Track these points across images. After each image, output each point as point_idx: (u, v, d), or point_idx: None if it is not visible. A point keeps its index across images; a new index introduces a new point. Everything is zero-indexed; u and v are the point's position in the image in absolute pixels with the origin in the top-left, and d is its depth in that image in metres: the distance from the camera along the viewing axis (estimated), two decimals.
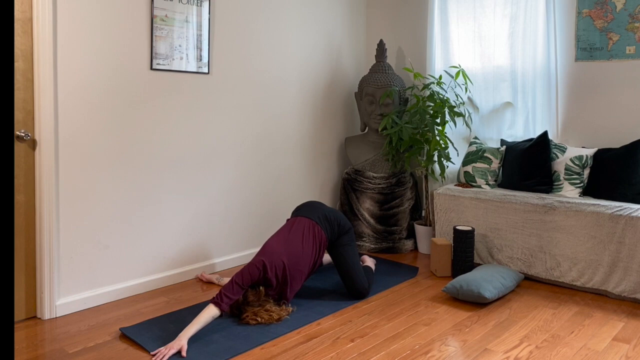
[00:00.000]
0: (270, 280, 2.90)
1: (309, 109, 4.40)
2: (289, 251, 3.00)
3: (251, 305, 2.87)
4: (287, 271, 2.95)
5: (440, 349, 2.61)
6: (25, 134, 2.78)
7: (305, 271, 3.07)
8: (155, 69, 3.29)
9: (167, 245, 3.45)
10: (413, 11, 4.65)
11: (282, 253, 2.97)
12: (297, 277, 3.02)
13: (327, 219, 3.23)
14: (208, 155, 3.65)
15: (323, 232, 3.16)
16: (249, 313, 2.84)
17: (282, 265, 2.94)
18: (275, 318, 2.85)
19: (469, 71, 4.28)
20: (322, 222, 3.20)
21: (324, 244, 3.17)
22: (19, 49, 2.77)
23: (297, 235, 3.09)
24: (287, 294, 2.99)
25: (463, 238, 3.60)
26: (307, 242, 3.09)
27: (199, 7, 3.48)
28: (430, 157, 4.12)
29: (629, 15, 3.58)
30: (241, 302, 2.89)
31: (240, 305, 2.89)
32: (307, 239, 3.10)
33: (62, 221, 2.94)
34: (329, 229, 3.20)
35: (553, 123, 3.90)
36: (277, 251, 2.97)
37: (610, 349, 2.63)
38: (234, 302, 2.80)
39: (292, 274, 2.99)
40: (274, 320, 2.85)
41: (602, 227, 3.26)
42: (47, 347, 2.56)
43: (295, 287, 3.04)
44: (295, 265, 3.00)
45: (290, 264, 2.98)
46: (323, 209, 3.28)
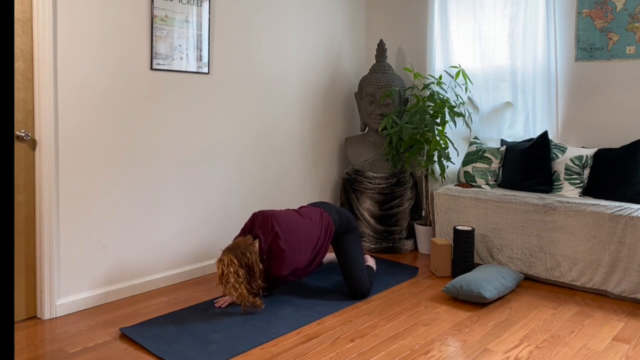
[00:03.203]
0: (260, 239, 2.99)
1: (309, 108, 4.41)
2: (287, 219, 3.10)
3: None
4: (277, 237, 2.99)
5: (440, 349, 2.61)
6: (25, 134, 2.78)
7: (309, 245, 3.09)
8: (155, 69, 3.29)
9: (167, 245, 3.45)
10: (413, 11, 4.65)
11: (278, 217, 3.08)
12: (297, 249, 3.03)
13: (337, 211, 3.34)
14: (208, 155, 3.65)
15: (331, 219, 3.25)
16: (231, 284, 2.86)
17: (271, 225, 3.02)
18: (240, 299, 2.87)
19: (469, 71, 4.28)
20: (332, 212, 3.30)
21: (331, 231, 3.21)
22: (19, 49, 2.77)
23: (304, 212, 3.22)
24: (277, 266, 2.99)
25: (463, 238, 3.60)
26: (315, 220, 3.19)
27: (199, 7, 3.48)
28: (430, 157, 4.12)
29: (629, 15, 3.58)
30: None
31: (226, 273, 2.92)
32: (315, 218, 3.20)
33: (62, 221, 2.94)
34: (337, 220, 3.27)
35: (553, 123, 3.90)
36: (271, 213, 3.10)
37: (610, 349, 2.63)
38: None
39: (291, 244, 3.01)
40: (239, 301, 2.89)
41: (602, 227, 3.26)
42: (47, 347, 2.56)
43: (295, 258, 3.03)
44: (295, 233, 3.06)
45: (286, 230, 3.04)
46: (333, 205, 3.42)
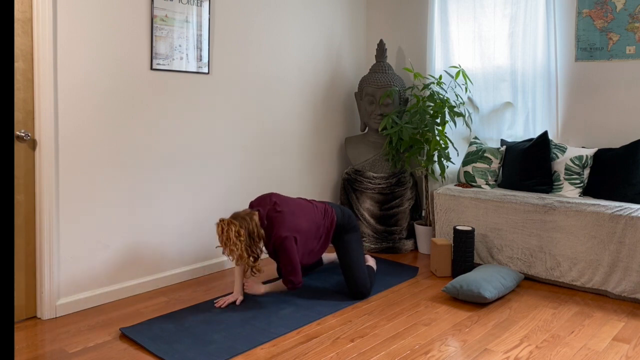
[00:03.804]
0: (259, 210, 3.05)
1: (309, 108, 4.41)
2: (286, 197, 3.21)
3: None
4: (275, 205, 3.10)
5: (440, 349, 2.61)
6: (25, 134, 2.78)
7: (311, 219, 3.13)
8: (155, 69, 3.29)
9: (167, 245, 3.45)
10: (413, 11, 4.65)
11: (277, 194, 3.21)
12: (297, 214, 3.10)
13: (340, 208, 3.36)
14: (208, 155, 3.65)
15: (334, 212, 3.27)
16: (232, 241, 2.90)
17: (269, 198, 3.13)
18: (240, 260, 2.93)
19: (469, 71, 4.28)
20: (335, 206, 3.34)
21: (333, 221, 3.24)
22: (19, 49, 2.77)
23: (307, 199, 3.32)
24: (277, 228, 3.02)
25: (463, 238, 3.60)
26: (317, 205, 3.26)
27: (199, 7, 3.48)
28: (430, 157, 4.12)
29: (629, 15, 3.58)
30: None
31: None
32: (318, 205, 3.27)
33: (62, 221, 2.94)
34: (340, 214, 3.30)
35: (553, 123, 3.89)
36: (270, 193, 3.21)
37: (610, 349, 2.63)
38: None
39: (289, 208, 3.10)
40: (239, 262, 2.96)
41: (602, 227, 3.26)
42: (47, 347, 2.56)
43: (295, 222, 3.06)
44: (294, 203, 3.15)
45: (284, 201, 3.13)
46: (337, 204, 3.49)
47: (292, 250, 2.99)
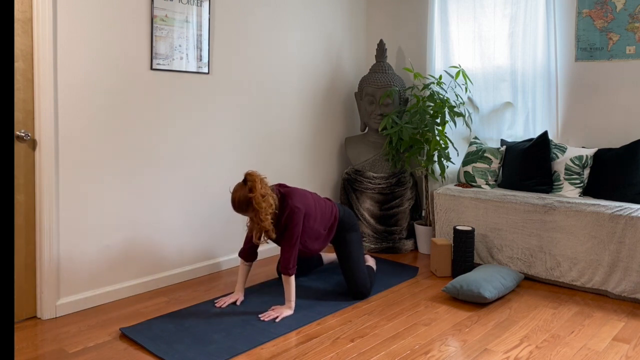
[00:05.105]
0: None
1: (309, 108, 4.41)
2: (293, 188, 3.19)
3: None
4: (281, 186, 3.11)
5: (440, 349, 2.61)
6: (25, 134, 2.78)
7: (316, 204, 3.15)
8: (155, 69, 3.29)
9: (168, 245, 3.45)
10: (413, 11, 4.65)
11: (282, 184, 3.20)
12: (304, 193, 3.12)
13: (341, 205, 3.37)
14: (208, 155, 3.65)
15: (337, 208, 3.29)
16: (269, 194, 2.92)
17: (276, 186, 3.10)
18: (264, 216, 2.90)
19: (469, 71, 4.28)
20: (337, 204, 3.36)
21: (336, 215, 3.25)
22: (19, 49, 2.77)
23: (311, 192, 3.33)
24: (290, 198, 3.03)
25: (463, 238, 3.60)
26: (321, 197, 3.28)
27: (199, 7, 3.48)
28: (430, 157, 4.12)
29: (629, 15, 3.58)
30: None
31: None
32: (321, 197, 3.28)
33: (62, 221, 2.94)
34: (342, 211, 3.32)
35: (553, 123, 3.89)
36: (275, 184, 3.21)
37: (610, 349, 2.63)
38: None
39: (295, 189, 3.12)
40: (264, 215, 2.90)
41: (602, 227, 3.26)
42: (47, 347, 2.56)
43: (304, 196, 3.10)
44: (300, 190, 3.15)
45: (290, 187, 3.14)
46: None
47: (299, 226, 3.00)
